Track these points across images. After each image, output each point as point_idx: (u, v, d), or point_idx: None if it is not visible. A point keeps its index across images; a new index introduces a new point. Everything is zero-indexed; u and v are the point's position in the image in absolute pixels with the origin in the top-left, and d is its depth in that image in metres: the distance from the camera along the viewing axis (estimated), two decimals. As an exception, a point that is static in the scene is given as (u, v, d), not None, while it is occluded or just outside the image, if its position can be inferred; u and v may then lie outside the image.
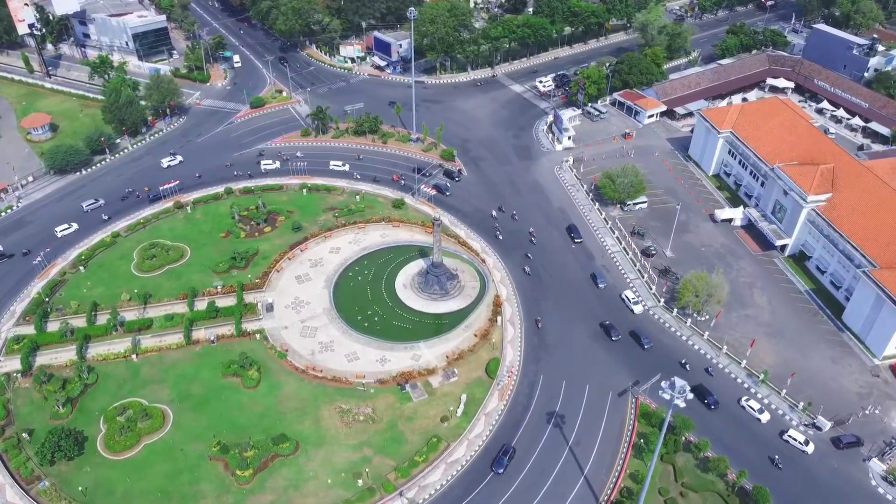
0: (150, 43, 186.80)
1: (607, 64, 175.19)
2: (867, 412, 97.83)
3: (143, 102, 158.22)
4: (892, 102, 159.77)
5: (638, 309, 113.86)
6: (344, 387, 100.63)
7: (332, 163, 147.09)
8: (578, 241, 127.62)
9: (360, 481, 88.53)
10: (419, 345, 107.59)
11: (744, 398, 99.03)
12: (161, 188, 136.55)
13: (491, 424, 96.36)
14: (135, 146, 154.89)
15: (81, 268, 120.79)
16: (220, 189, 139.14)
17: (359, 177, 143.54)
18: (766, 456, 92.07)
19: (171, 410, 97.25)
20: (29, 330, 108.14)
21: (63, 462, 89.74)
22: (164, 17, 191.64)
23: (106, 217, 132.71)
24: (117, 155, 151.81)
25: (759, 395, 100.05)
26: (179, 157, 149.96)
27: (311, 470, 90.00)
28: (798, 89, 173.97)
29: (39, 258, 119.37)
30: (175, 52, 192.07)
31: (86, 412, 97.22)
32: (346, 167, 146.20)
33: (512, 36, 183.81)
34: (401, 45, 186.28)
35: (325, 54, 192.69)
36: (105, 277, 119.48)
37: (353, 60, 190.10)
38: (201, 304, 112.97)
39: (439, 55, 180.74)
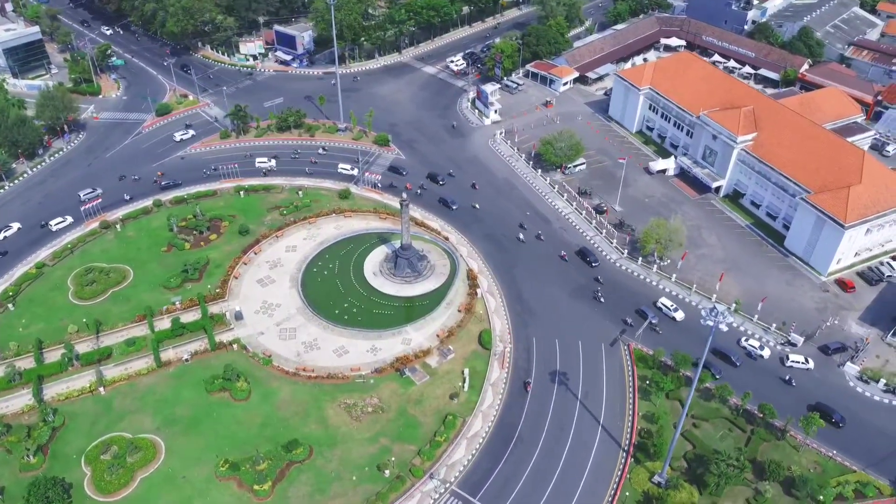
0: (24, 58, 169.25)
1: (514, 37, 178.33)
2: (828, 324, 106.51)
3: (35, 122, 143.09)
4: (775, 49, 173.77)
5: (679, 315, 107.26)
6: (342, 382, 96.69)
7: (340, 165, 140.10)
8: (595, 264, 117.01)
9: (386, 472, 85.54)
10: (406, 329, 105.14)
11: (743, 339, 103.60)
12: (82, 208, 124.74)
13: (499, 393, 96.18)
14: (34, 169, 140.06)
15: (10, 305, 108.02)
16: (148, 202, 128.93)
17: (378, 184, 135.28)
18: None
19: (160, 438, 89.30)
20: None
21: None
22: (36, 28, 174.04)
23: (128, 197, 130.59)
24: (17, 181, 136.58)
25: (735, 324, 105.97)
26: (192, 131, 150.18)
27: (332, 471, 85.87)
28: (689, 46, 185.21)
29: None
30: (53, 66, 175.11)
31: (61, 458, 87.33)
32: (355, 171, 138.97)
33: (417, 18, 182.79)
34: (304, 38, 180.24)
35: (223, 54, 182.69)
36: (41, 312, 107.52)
37: (254, 57, 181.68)
38: (162, 324, 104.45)
39: (347, 43, 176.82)
